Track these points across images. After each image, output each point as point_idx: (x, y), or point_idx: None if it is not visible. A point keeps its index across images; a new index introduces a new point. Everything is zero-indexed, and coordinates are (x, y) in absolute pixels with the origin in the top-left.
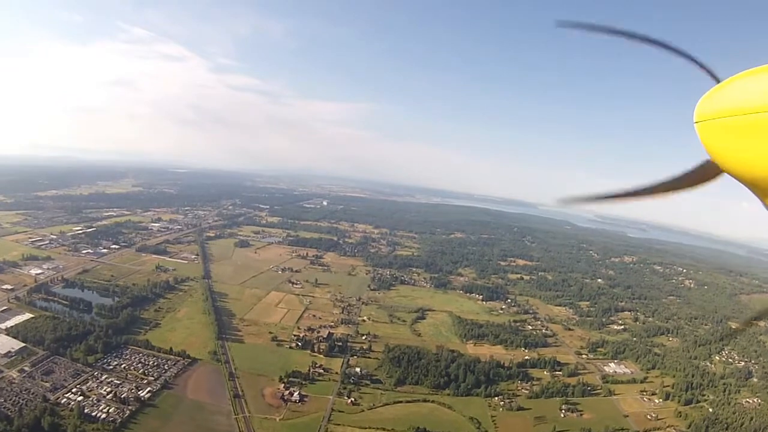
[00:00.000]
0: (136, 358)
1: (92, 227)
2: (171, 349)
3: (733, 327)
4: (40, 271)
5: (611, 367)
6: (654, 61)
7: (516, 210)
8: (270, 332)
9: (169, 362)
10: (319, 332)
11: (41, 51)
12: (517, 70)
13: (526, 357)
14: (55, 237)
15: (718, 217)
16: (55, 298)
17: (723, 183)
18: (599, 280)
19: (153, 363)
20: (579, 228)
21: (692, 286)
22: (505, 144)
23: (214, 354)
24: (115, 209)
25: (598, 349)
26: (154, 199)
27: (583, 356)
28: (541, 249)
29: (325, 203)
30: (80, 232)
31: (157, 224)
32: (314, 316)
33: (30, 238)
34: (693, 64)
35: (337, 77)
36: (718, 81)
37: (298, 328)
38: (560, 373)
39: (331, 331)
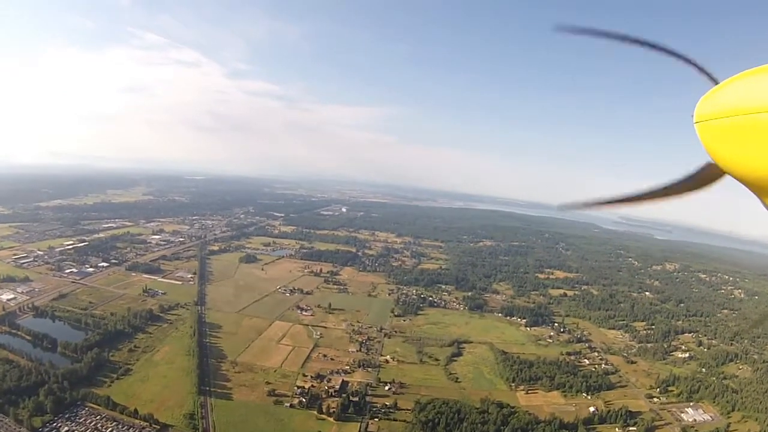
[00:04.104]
0: (91, 421)
1: (85, 241)
2: (136, 410)
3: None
4: (11, 297)
5: (689, 414)
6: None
7: (541, 213)
8: (267, 382)
9: (131, 430)
10: (329, 381)
11: (55, 58)
12: (538, 72)
13: (591, 407)
14: (41, 253)
15: (739, 216)
16: (19, 332)
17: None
18: (647, 293)
19: (111, 431)
20: (607, 231)
21: (743, 296)
22: (526, 146)
23: (191, 418)
24: (116, 220)
25: (670, 389)
26: (162, 208)
27: (655, 400)
28: (577, 257)
29: (344, 210)
30: (70, 247)
31: (157, 236)
32: (325, 356)
33: (14, 254)
34: (691, 66)
35: (355, 81)
36: (716, 83)
37: (304, 375)
38: (635, 429)
39: (345, 379)
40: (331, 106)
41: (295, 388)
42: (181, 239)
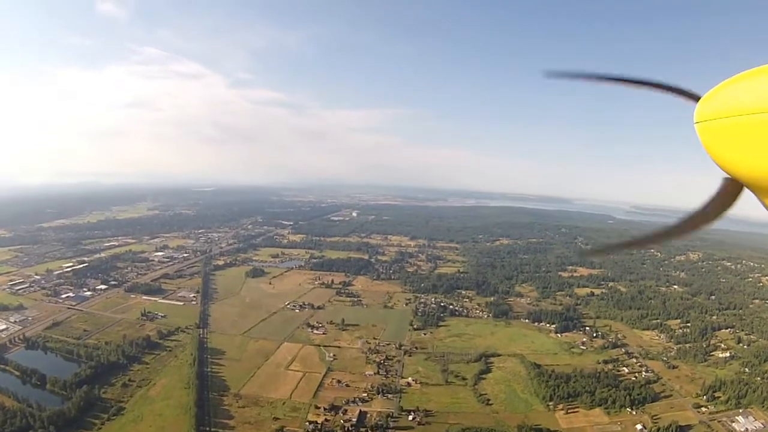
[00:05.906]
0: None
1: (84, 262)
2: None
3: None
4: (3, 327)
5: (740, 423)
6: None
7: (553, 207)
8: (275, 418)
9: None
10: (345, 413)
11: (55, 78)
12: (541, 67)
13: (638, 424)
14: (39, 277)
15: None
16: (8, 368)
17: None
18: (675, 286)
19: None
20: (622, 222)
21: None
22: (531, 144)
23: None
24: (119, 238)
25: (717, 395)
26: (167, 223)
27: (704, 409)
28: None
29: (354, 214)
30: (69, 269)
31: (160, 253)
32: (339, 381)
33: (11, 280)
34: (676, 94)
35: (360, 84)
36: (697, 101)
37: (316, 407)
38: None
39: (363, 410)
40: (338, 110)
41: (307, 423)
42: (185, 255)
